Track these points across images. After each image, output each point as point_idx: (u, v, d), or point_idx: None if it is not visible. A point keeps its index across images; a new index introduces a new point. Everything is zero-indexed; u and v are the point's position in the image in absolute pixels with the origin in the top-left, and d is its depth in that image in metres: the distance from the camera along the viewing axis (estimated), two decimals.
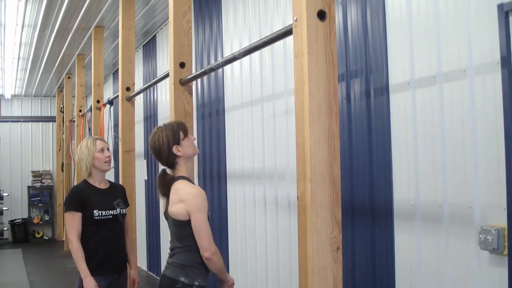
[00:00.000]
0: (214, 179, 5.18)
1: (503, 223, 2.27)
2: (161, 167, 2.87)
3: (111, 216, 3.25)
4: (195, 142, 2.84)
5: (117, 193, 3.42)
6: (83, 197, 3.22)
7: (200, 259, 2.64)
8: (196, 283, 2.63)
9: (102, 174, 3.36)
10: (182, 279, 2.61)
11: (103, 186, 3.36)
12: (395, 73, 2.92)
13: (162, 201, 2.89)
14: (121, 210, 3.35)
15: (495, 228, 2.27)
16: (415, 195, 2.76)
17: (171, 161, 2.73)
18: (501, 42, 2.26)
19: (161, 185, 2.77)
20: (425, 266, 2.70)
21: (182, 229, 2.64)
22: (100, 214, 3.20)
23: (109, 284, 3.24)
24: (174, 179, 2.72)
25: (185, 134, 2.76)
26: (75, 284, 3.19)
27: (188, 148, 2.75)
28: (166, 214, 2.79)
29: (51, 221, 12.41)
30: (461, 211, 2.49)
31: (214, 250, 2.59)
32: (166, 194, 2.75)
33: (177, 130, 2.74)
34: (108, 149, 3.36)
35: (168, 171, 2.79)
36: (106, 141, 3.54)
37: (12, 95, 12.25)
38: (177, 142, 2.71)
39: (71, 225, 3.16)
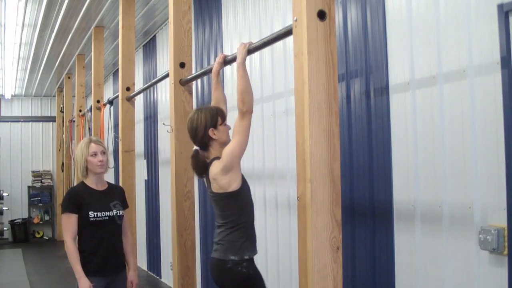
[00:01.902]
0: None
1: (503, 223, 2.27)
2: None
3: (107, 218, 3.25)
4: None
5: (114, 195, 3.41)
6: (79, 199, 3.23)
7: (243, 233, 2.70)
8: (245, 257, 2.69)
9: (98, 176, 3.35)
10: (232, 257, 2.68)
11: (100, 187, 3.36)
12: (395, 73, 2.92)
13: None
14: (118, 211, 3.33)
15: (495, 228, 2.27)
16: (415, 195, 2.76)
17: (205, 142, 2.79)
18: (501, 42, 2.26)
19: (196, 165, 2.84)
20: (425, 266, 2.70)
21: (223, 201, 2.72)
22: (96, 216, 3.21)
23: (107, 285, 3.23)
24: (211, 161, 2.76)
25: (223, 120, 2.82)
26: (74, 285, 3.18)
27: (223, 134, 2.80)
28: (209, 193, 2.84)
29: (51, 221, 12.40)
30: (461, 211, 2.49)
31: (247, 109, 2.60)
32: (203, 174, 2.83)
33: (216, 114, 2.80)
34: (103, 153, 3.33)
35: (201, 152, 2.84)
36: (103, 142, 3.51)
37: (12, 95, 12.24)
38: (214, 126, 2.77)
39: (67, 227, 3.19)
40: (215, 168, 2.71)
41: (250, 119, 2.61)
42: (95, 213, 3.20)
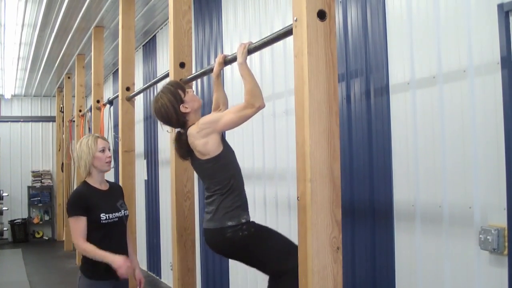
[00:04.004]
0: None
1: (503, 223, 2.27)
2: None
3: (117, 219, 3.15)
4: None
5: (117, 194, 3.33)
6: (87, 201, 3.10)
7: (237, 198, 2.65)
8: (243, 220, 2.63)
9: (102, 174, 3.25)
10: (229, 223, 2.60)
11: (104, 187, 3.25)
12: (395, 73, 2.92)
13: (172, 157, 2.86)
14: (125, 211, 3.25)
15: (495, 228, 2.27)
16: (415, 195, 2.76)
17: (182, 120, 2.78)
18: (501, 42, 2.26)
19: (179, 148, 2.80)
20: (425, 266, 2.70)
21: (209, 168, 2.67)
22: (108, 218, 3.09)
23: (113, 287, 3.16)
24: (186, 130, 2.74)
25: (184, 91, 2.79)
26: (76, 286, 3.14)
27: (193, 102, 2.78)
28: (194, 165, 2.80)
29: (51, 221, 12.40)
30: (461, 211, 2.49)
31: (258, 104, 2.57)
32: (186, 155, 2.78)
33: (176, 90, 2.78)
34: (109, 149, 3.26)
35: (182, 131, 2.82)
36: (107, 140, 3.48)
37: (12, 95, 12.24)
38: (181, 101, 2.75)
39: (76, 230, 3.04)
40: (192, 131, 2.68)
41: (253, 114, 2.57)
42: (107, 215, 3.08)
